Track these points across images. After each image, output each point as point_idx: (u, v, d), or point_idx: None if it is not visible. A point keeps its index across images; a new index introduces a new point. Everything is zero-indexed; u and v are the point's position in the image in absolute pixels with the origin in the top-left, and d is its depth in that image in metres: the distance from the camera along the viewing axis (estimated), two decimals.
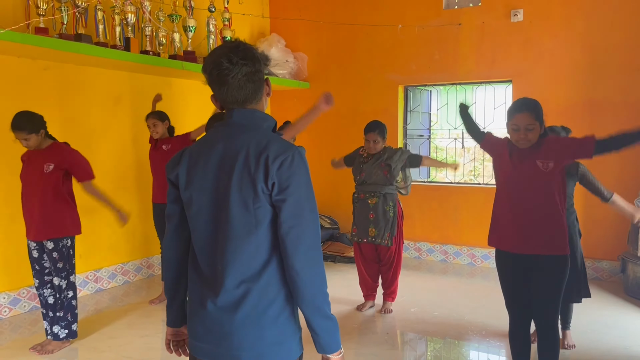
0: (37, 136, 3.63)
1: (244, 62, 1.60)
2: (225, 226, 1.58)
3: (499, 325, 4.23)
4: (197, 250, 1.66)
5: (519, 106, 2.83)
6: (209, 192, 1.62)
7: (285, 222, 1.54)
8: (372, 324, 4.44)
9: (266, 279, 1.58)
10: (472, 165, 7.11)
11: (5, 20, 4.24)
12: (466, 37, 6.18)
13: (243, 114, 1.65)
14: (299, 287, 1.55)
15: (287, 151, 1.56)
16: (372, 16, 6.63)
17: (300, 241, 1.54)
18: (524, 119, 2.78)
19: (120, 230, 5.47)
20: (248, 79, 1.62)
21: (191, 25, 5.60)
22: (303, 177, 1.57)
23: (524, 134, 2.79)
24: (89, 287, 5.19)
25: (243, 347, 1.58)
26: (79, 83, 5.03)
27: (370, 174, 4.49)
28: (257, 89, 1.66)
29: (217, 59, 1.60)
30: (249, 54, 1.62)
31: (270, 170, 1.53)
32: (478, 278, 5.84)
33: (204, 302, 1.63)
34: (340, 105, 6.96)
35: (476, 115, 6.50)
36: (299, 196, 1.55)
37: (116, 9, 4.86)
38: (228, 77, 1.60)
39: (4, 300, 4.51)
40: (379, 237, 4.48)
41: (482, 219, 6.13)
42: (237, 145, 1.60)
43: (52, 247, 3.68)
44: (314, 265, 1.56)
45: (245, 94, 1.64)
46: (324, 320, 1.58)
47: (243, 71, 1.60)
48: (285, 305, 1.61)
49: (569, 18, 5.68)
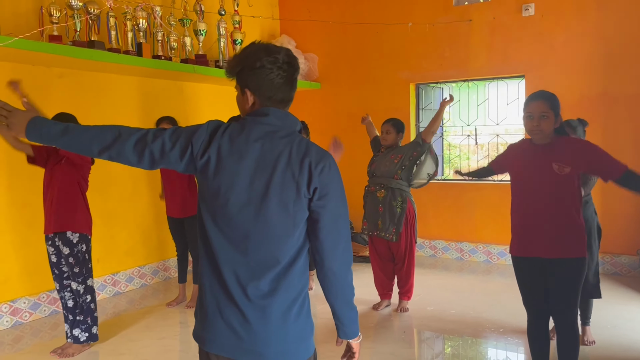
0: None
1: (290, 65, 1.66)
2: (261, 225, 1.59)
3: (516, 322, 4.20)
4: (224, 247, 1.61)
5: (535, 95, 2.84)
6: (243, 190, 1.59)
7: (324, 227, 1.62)
8: (389, 322, 4.43)
9: (291, 277, 1.63)
10: (486, 162, 7.06)
11: (19, 28, 4.30)
12: (477, 33, 6.14)
13: (279, 115, 1.66)
14: (335, 285, 1.68)
15: (325, 158, 1.63)
16: (381, 15, 6.62)
17: (338, 244, 1.64)
18: (538, 107, 2.77)
19: (137, 234, 5.54)
20: (289, 81, 1.67)
21: (202, 29, 5.64)
22: (339, 184, 1.66)
23: (538, 122, 2.77)
24: (107, 290, 5.25)
25: (269, 343, 1.61)
26: (93, 89, 5.09)
27: (379, 166, 4.54)
28: (293, 94, 1.72)
29: (270, 54, 1.62)
30: (294, 59, 1.68)
31: (314, 176, 1.59)
32: (494, 275, 5.80)
33: (231, 298, 1.61)
34: (351, 104, 6.97)
35: (489, 111, 6.48)
36: (336, 202, 1.63)
37: (128, 14, 4.91)
38: (272, 75, 1.63)
39: (25, 305, 4.57)
40: (384, 230, 4.48)
41: (497, 215, 6.10)
42: (279, 146, 1.62)
43: (68, 252, 3.73)
44: (348, 265, 1.69)
45: (287, 96, 1.69)
46: (350, 311, 1.72)
47: (290, 72, 1.66)
48: (304, 303, 1.67)
49: (582, 10, 5.62)
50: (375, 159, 4.62)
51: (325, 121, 7.10)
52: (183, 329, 4.45)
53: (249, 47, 1.68)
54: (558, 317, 2.90)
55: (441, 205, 6.51)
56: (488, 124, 6.55)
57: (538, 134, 2.80)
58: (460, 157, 7.50)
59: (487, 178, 3.76)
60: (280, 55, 1.64)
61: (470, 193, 6.36)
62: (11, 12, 4.34)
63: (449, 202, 6.49)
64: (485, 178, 3.56)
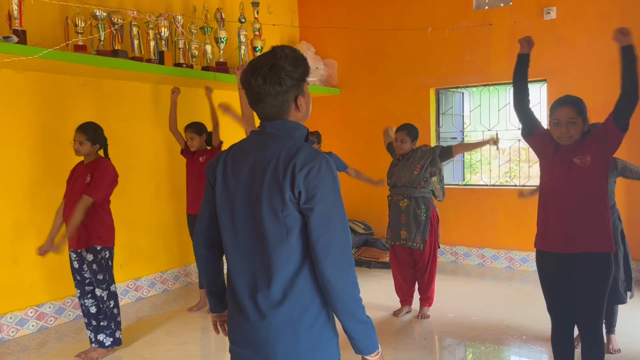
0: (91, 146, 3.80)
1: (263, 84, 1.62)
2: (260, 234, 1.61)
3: (540, 329, 4.14)
4: (235, 259, 1.68)
5: (561, 101, 2.81)
6: (244, 201, 1.65)
7: (314, 230, 1.56)
8: (409, 329, 4.41)
9: (300, 286, 1.60)
10: (508, 167, 7.00)
11: (46, 38, 4.41)
12: (498, 37, 6.10)
13: (275, 125, 1.69)
14: (331, 294, 1.58)
15: (314, 160, 1.57)
16: (401, 20, 6.62)
17: (330, 249, 1.56)
18: (566, 113, 2.75)
19: (159, 240, 5.60)
20: (274, 98, 1.65)
21: (222, 36, 5.70)
22: (330, 185, 1.58)
23: (566, 129, 2.75)
24: (130, 295, 5.32)
25: (277, 354, 1.60)
26: (116, 97, 5.18)
27: (400, 177, 4.50)
28: (283, 107, 1.67)
29: (256, 72, 1.63)
30: (269, 75, 1.62)
31: (297, 179, 1.55)
32: (517, 282, 5.73)
33: (242, 309, 1.66)
34: (371, 110, 6.98)
35: (510, 116, 6.42)
36: (326, 204, 1.56)
37: (150, 24, 5.00)
38: (255, 97, 1.67)
39: (50, 310, 4.66)
40: (410, 239, 4.46)
41: (519, 221, 6.02)
42: (269, 154, 1.63)
43: (92, 259, 3.78)
44: (345, 272, 1.58)
45: (272, 111, 1.68)
46: (358, 325, 1.60)
47: (267, 91, 1.63)
48: (320, 312, 1.63)
49: (604, 14, 5.54)
50: (395, 170, 4.57)
51: (345, 127, 7.11)
52: (204, 334, 4.49)
53: (250, 62, 1.72)
54: (583, 323, 2.85)
55: (462, 211, 6.46)
56: (509, 128, 6.49)
57: (567, 141, 2.77)
58: (481, 162, 7.44)
59: (509, 183, 3.70)
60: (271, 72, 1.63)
61: (491, 198, 6.30)
62: (38, 23, 4.45)
63: (470, 208, 6.43)
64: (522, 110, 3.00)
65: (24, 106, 4.48)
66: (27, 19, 4.15)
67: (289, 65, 1.64)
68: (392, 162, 4.66)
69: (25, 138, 4.49)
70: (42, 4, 4.35)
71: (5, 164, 4.33)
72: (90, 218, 3.75)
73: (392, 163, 4.66)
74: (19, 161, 4.45)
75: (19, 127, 4.45)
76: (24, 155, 4.48)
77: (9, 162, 4.36)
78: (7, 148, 4.37)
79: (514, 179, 6.73)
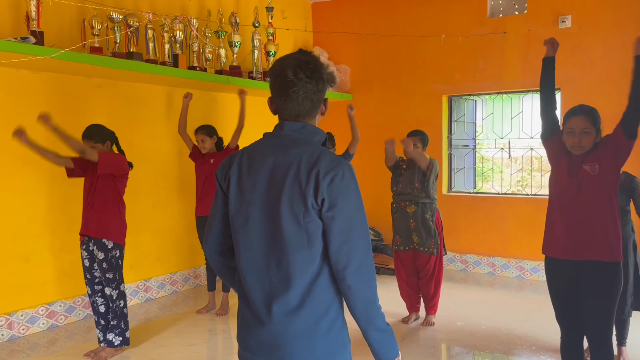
0: (103, 146, 3.88)
1: (308, 80, 1.62)
2: (278, 240, 1.59)
3: (549, 340, 4.11)
4: (249, 264, 1.64)
5: (576, 110, 2.82)
6: (260, 205, 1.62)
7: (336, 238, 1.55)
8: (417, 336, 4.39)
9: (318, 292, 1.59)
10: (520, 176, 6.95)
11: (62, 40, 4.46)
12: (512, 45, 6.08)
13: (294, 127, 1.66)
14: (352, 302, 1.58)
15: (337, 167, 1.56)
16: (415, 27, 6.62)
17: (352, 257, 1.55)
18: (579, 123, 2.75)
19: (169, 242, 5.63)
20: (307, 97, 1.64)
21: (236, 40, 5.74)
22: (353, 194, 1.58)
23: (579, 138, 2.75)
24: (139, 296, 5.35)
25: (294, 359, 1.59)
26: (130, 99, 5.23)
27: (406, 186, 4.49)
28: (314, 107, 1.68)
29: (285, 69, 1.63)
30: (316, 72, 1.64)
31: (321, 186, 1.54)
32: (527, 291, 5.68)
33: (256, 315, 1.63)
34: (383, 116, 6.97)
35: (523, 124, 6.38)
36: (349, 212, 1.56)
37: (165, 27, 5.04)
38: (289, 90, 1.63)
39: (60, 308, 4.70)
40: (422, 244, 4.45)
41: (530, 230, 5.98)
42: (289, 158, 1.60)
43: (102, 257, 3.82)
44: (366, 280, 1.58)
45: (301, 110, 1.66)
46: (378, 333, 1.62)
47: (306, 88, 1.63)
48: (337, 317, 1.62)
49: (620, 23, 5.50)
50: (400, 179, 4.56)
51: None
52: (212, 337, 4.50)
53: (276, 61, 1.72)
54: (592, 335, 2.82)
55: (473, 219, 6.42)
56: (522, 137, 6.46)
57: (579, 150, 2.77)
58: (493, 170, 7.40)
59: (520, 192, 3.68)
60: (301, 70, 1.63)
61: (502, 206, 6.26)
62: (55, 24, 4.51)
63: (481, 216, 6.40)
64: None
65: (39, 106, 4.53)
66: (44, 20, 4.21)
67: (326, 70, 1.68)
68: (399, 170, 4.62)
69: (39, 137, 4.54)
70: (60, 6, 4.41)
71: (19, 163, 4.38)
72: (108, 213, 3.84)
73: (397, 171, 4.62)
74: (32, 160, 4.49)
75: (34, 126, 4.50)
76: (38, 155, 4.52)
77: (23, 162, 4.41)
78: (21, 147, 4.41)
79: (526, 188, 6.68)
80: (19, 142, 3.69)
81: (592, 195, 2.74)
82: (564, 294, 2.87)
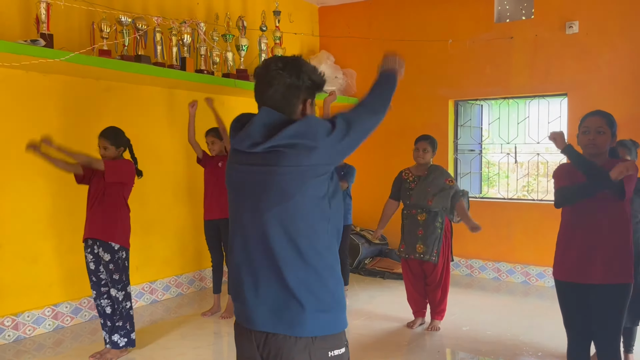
0: (115, 150, 3.92)
1: (280, 70, 1.67)
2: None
3: (555, 346, 4.09)
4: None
5: (592, 112, 2.84)
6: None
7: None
8: (422, 341, 4.38)
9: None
10: (526, 181, 6.94)
11: (72, 43, 4.50)
12: (518, 51, 6.07)
13: (268, 112, 1.71)
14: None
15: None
16: (421, 32, 6.62)
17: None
18: (595, 122, 2.77)
19: (175, 244, 5.65)
20: (278, 89, 1.68)
21: (244, 44, 5.76)
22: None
23: (594, 136, 2.75)
24: (145, 298, 5.36)
25: None
26: (138, 101, 5.26)
27: (418, 199, 4.46)
28: (287, 103, 1.70)
29: (262, 64, 1.75)
30: (291, 66, 1.69)
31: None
32: (532, 297, 5.66)
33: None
34: (389, 120, 6.90)
35: (529, 129, 6.37)
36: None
37: (173, 30, 5.07)
38: (262, 80, 1.71)
39: (66, 310, 4.72)
40: (427, 253, 4.43)
41: (536, 235, 5.96)
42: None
43: (109, 259, 3.84)
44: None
45: (271, 101, 1.70)
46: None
47: (278, 80, 1.68)
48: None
49: (627, 29, 5.50)
50: (411, 193, 4.49)
51: None
52: (217, 339, 4.51)
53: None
54: (600, 345, 2.82)
55: (478, 224, 6.38)
56: (528, 142, 6.45)
57: (592, 148, 2.77)
58: (499, 175, 7.38)
59: (526, 197, 3.67)
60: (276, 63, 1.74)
61: (509, 212, 6.25)
62: (65, 27, 4.55)
63: (487, 221, 6.35)
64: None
65: (48, 108, 4.57)
66: (54, 23, 4.24)
67: (309, 69, 1.73)
68: (405, 185, 4.55)
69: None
70: (70, 9, 4.44)
71: (27, 164, 4.41)
72: (114, 217, 3.86)
73: (405, 187, 4.55)
74: (41, 163, 4.52)
75: (43, 128, 4.53)
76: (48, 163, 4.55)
77: (31, 163, 4.43)
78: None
79: (532, 193, 6.66)
80: (33, 154, 3.77)
81: (607, 219, 2.74)
82: (575, 309, 2.88)
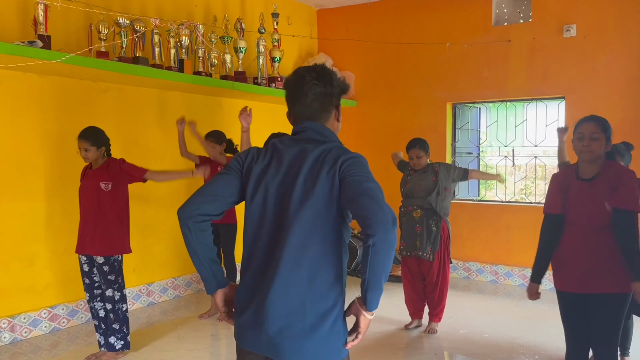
0: (97, 151, 3.82)
1: (315, 81, 1.75)
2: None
3: (553, 349, 4.09)
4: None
5: (587, 118, 2.84)
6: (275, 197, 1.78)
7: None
8: (419, 343, 4.37)
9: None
10: (523, 184, 6.94)
11: (69, 44, 4.49)
12: (516, 54, 6.08)
13: (314, 126, 1.79)
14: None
15: (354, 155, 1.75)
16: (419, 34, 6.64)
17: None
18: (589, 127, 2.78)
19: (172, 246, 5.63)
20: (315, 98, 1.77)
21: (242, 46, 5.76)
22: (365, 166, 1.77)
23: (588, 142, 2.75)
24: (142, 300, 5.35)
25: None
26: (135, 103, 5.25)
27: (414, 186, 4.49)
28: (323, 110, 1.79)
29: (294, 75, 1.79)
30: (323, 75, 1.77)
31: (340, 169, 1.71)
32: (530, 300, 5.64)
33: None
34: (387, 123, 6.98)
35: (527, 132, 6.38)
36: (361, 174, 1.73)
37: (171, 32, 5.07)
38: (298, 92, 1.77)
39: (62, 312, 4.70)
40: (421, 249, 4.44)
41: (534, 238, 5.88)
42: (311, 150, 1.74)
43: (103, 261, 3.81)
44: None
45: (309, 111, 1.78)
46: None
47: (314, 90, 1.75)
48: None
49: (625, 32, 5.51)
50: (409, 179, 4.57)
51: (360, 139, 7.11)
52: (214, 342, 4.49)
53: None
54: (598, 352, 2.84)
55: (476, 226, 6.41)
56: (526, 145, 6.45)
57: (587, 154, 2.76)
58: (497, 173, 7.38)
59: (524, 200, 3.68)
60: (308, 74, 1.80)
61: (507, 214, 6.25)
62: (63, 29, 4.54)
63: (485, 224, 6.39)
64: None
65: (45, 109, 4.56)
66: (52, 24, 4.24)
67: (337, 77, 1.83)
68: (407, 171, 4.65)
69: (44, 141, 4.57)
70: (67, 11, 4.44)
71: (25, 166, 4.41)
72: (105, 228, 3.80)
73: (406, 172, 4.65)
74: (37, 164, 4.52)
75: (40, 129, 4.53)
76: (42, 158, 4.55)
77: (28, 165, 4.43)
78: (27, 151, 4.44)
79: (530, 196, 6.67)
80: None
81: (606, 229, 2.73)
82: (576, 319, 2.89)
